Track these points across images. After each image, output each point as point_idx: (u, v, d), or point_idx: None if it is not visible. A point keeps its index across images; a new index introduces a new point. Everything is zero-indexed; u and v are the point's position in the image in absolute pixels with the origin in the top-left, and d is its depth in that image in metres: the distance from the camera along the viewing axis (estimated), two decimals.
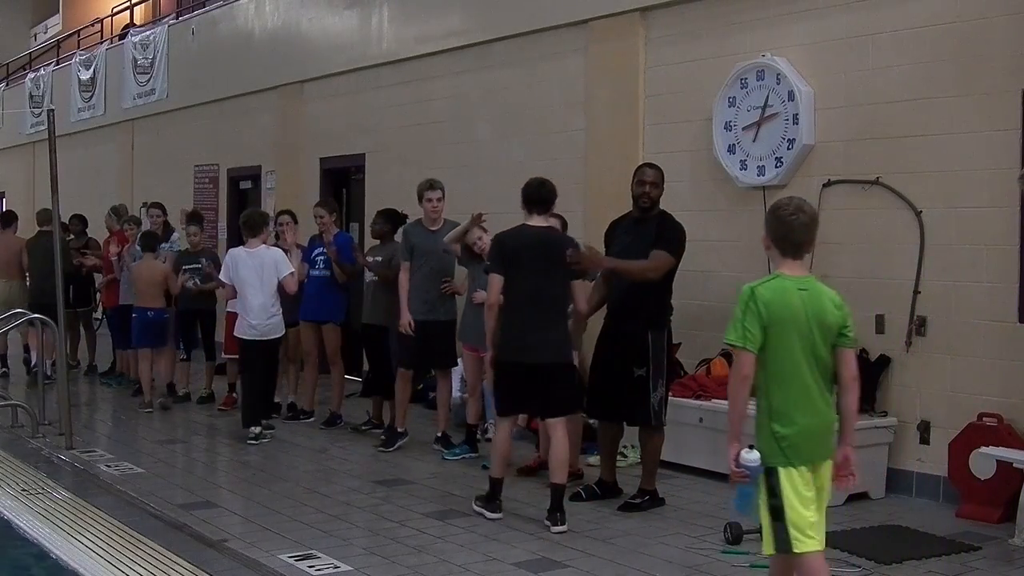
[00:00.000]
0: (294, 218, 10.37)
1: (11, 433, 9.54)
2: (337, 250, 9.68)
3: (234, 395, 10.69)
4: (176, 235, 12.21)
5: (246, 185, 15.28)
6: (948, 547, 6.13)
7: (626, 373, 6.94)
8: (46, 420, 9.69)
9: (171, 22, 17.48)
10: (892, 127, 7.43)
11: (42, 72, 21.72)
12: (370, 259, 9.42)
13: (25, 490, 7.38)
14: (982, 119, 6.97)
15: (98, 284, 13.12)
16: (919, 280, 7.26)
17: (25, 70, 23.97)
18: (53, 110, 9.52)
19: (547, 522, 6.50)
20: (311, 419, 10.13)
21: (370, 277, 9.47)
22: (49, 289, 10.14)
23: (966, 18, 7.07)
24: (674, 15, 8.95)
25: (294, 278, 9.29)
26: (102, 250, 12.72)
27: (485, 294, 7.12)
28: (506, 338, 6.74)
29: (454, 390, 9.40)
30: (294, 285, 9.35)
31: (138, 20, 20.68)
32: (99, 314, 13.70)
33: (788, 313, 4.19)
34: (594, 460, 7.75)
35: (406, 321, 8.59)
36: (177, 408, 10.92)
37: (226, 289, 9.43)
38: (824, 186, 7.73)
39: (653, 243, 6.96)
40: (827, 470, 4.28)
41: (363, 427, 9.67)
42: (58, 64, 21.60)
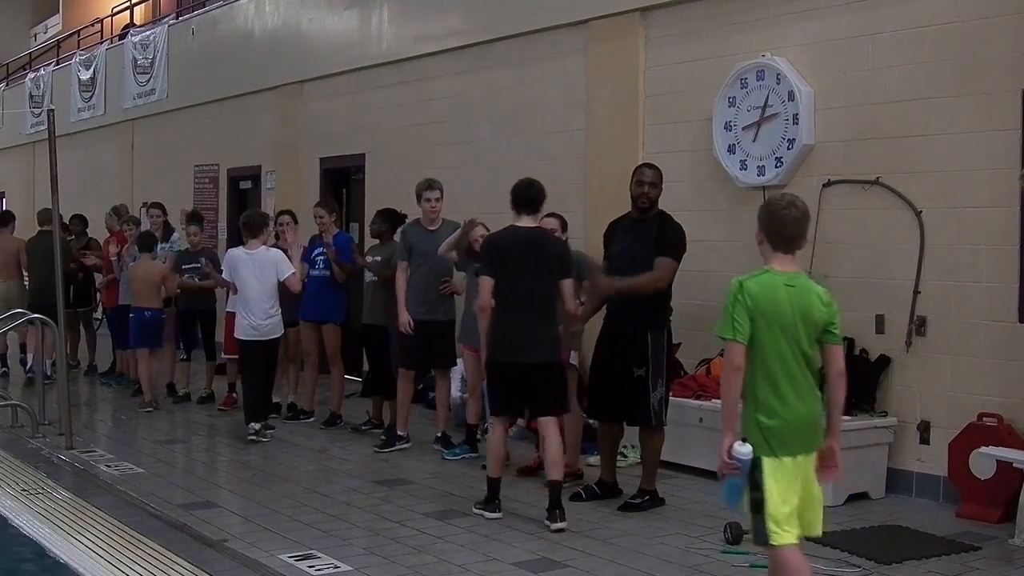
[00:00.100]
0: (294, 218, 10.36)
1: (11, 433, 9.54)
2: (336, 250, 9.68)
3: (234, 395, 10.70)
4: (176, 235, 12.21)
5: (246, 185, 15.28)
6: (948, 547, 6.13)
7: (626, 373, 6.94)
8: (46, 420, 9.70)
9: (171, 22, 17.47)
10: (892, 127, 7.43)
11: (42, 72, 21.71)
12: (369, 259, 9.42)
13: (25, 490, 7.38)
14: (982, 119, 6.97)
15: (98, 284, 13.13)
16: (919, 280, 7.26)
17: (25, 70, 23.97)
18: (53, 110, 9.53)
19: (546, 520, 6.50)
20: (311, 419, 10.13)
21: (370, 277, 9.46)
22: (49, 289, 10.14)
23: (966, 18, 7.06)
24: (674, 15, 8.95)
25: (296, 278, 9.30)
26: (102, 250, 12.73)
27: None
28: (500, 338, 6.74)
29: (454, 390, 9.40)
30: (297, 284, 9.36)
31: (138, 20, 20.68)
32: (99, 314, 13.71)
33: (773, 307, 4.27)
34: (594, 460, 7.74)
35: (405, 321, 8.59)
36: (177, 408, 10.93)
37: (229, 285, 9.45)
38: (824, 186, 7.73)
39: (654, 245, 6.96)
40: (813, 462, 4.33)
41: (363, 427, 9.67)
42: (58, 64, 21.60)
